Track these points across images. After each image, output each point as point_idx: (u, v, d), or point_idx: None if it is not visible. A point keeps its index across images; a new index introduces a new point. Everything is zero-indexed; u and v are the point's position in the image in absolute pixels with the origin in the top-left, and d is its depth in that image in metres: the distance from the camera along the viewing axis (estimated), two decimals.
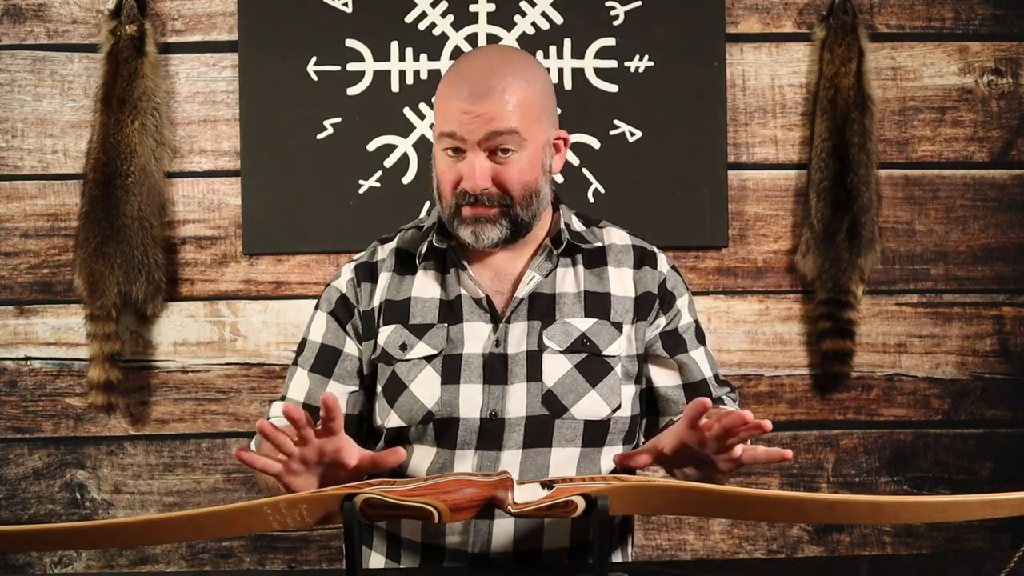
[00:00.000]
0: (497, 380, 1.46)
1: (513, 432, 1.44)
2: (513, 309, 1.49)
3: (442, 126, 1.45)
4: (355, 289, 1.55)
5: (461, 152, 1.44)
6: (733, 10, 2.35)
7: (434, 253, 1.54)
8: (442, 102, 1.46)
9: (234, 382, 2.34)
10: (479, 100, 1.41)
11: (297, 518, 1.14)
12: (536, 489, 1.18)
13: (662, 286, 1.56)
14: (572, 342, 1.48)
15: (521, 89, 1.44)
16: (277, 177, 2.31)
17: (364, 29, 2.31)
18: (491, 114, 1.41)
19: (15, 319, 2.34)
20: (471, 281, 1.50)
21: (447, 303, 1.51)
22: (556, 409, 1.45)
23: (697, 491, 1.14)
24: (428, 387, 1.45)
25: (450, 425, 1.45)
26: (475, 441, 1.44)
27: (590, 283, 1.53)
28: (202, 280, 2.34)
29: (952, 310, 2.39)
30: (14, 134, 2.33)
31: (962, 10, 2.37)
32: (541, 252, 1.53)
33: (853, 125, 2.28)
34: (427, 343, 1.48)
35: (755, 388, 2.37)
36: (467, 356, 1.47)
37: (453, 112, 1.43)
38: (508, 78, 1.44)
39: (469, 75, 1.45)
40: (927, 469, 2.39)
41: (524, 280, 1.51)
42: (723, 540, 2.38)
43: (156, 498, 2.34)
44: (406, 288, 1.53)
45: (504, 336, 1.48)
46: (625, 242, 1.59)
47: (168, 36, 2.33)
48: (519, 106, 1.43)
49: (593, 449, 1.48)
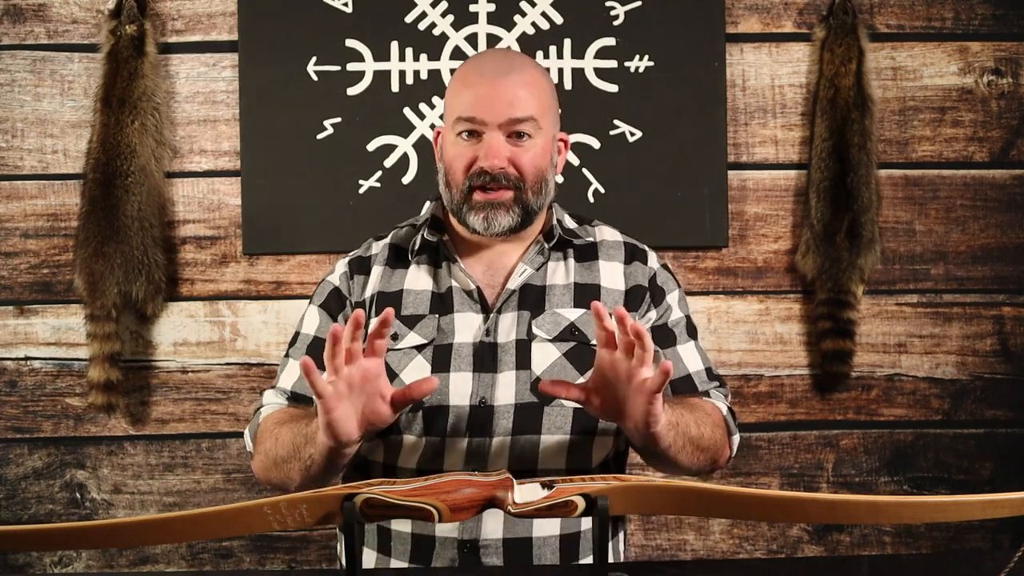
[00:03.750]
0: (487, 368, 1.47)
1: (502, 419, 1.45)
2: (504, 300, 1.50)
3: (459, 111, 1.47)
4: (348, 282, 1.56)
5: (477, 136, 1.47)
6: (733, 10, 2.36)
7: (427, 247, 1.56)
8: (458, 89, 1.49)
9: (234, 382, 2.34)
10: (500, 84, 1.45)
11: (297, 518, 1.14)
12: (536, 489, 1.18)
13: (652, 280, 1.57)
14: (561, 331, 1.49)
15: (538, 80, 1.50)
16: (277, 177, 2.31)
17: (364, 29, 2.31)
18: (511, 99, 1.45)
19: (15, 319, 2.34)
20: (462, 273, 1.51)
21: (438, 295, 1.52)
22: (545, 397, 1.45)
23: (697, 491, 1.14)
24: (418, 375, 1.46)
25: (440, 413, 1.46)
26: (464, 428, 1.45)
27: (580, 275, 1.54)
28: (202, 280, 2.34)
29: (952, 310, 2.39)
30: (14, 134, 2.33)
31: (962, 10, 2.37)
32: (533, 247, 1.54)
33: (853, 125, 2.28)
34: (418, 333, 1.49)
35: (755, 388, 2.37)
36: (457, 345, 1.48)
37: (472, 96, 1.46)
38: (526, 68, 1.50)
39: (488, 64, 1.50)
40: (927, 469, 2.39)
41: (516, 273, 1.52)
42: (723, 540, 2.38)
43: (156, 498, 2.34)
44: (398, 280, 1.55)
45: (494, 326, 1.49)
46: (616, 239, 1.61)
47: (168, 36, 2.33)
48: (537, 94, 1.48)
49: (583, 437, 1.48)
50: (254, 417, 1.56)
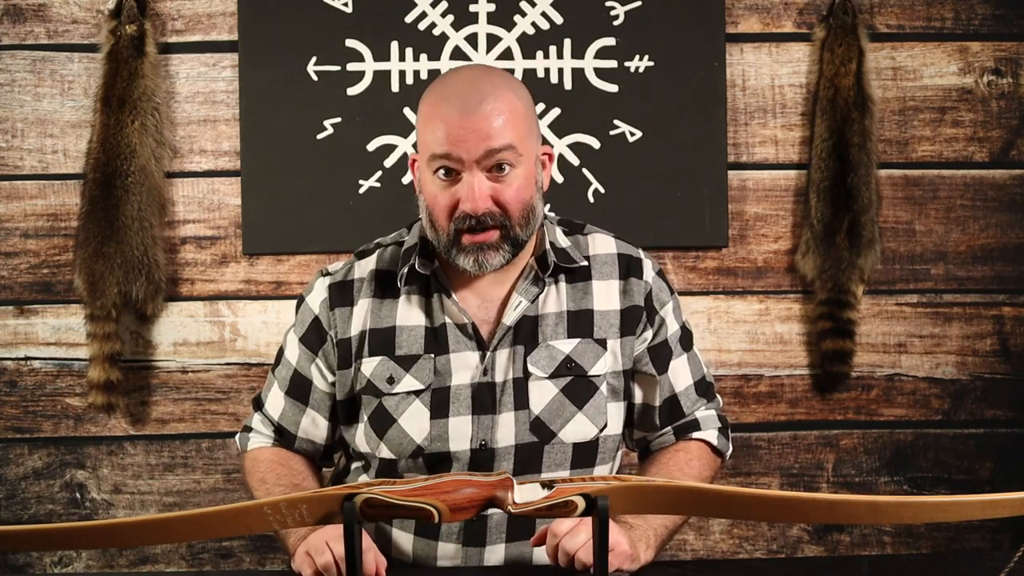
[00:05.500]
0: (486, 410, 1.45)
1: (503, 461, 1.45)
2: (500, 337, 1.47)
3: (433, 148, 1.39)
4: (328, 313, 1.52)
5: (454, 174, 1.40)
6: (733, 10, 2.35)
7: (416, 276, 1.50)
8: (429, 124, 1.40)
9: (234, 382, 2.34)
10: (471, 117, 1.36)
11: (297, 518, 1.14)
12: (536, 489, 1.18)
13: (648, 298, 1.53)
14: (557, 366, 1.47)
15: (511, 103, 1.40)
16: (277, 177, 2.31)
17: (364, 29, 2.31)
18: (486, 130, 1.37)
19: (15, 319, 2.34)
20: (456, 308, 1.47)
21: (432, 331, 1.48)
22: (544, 435, 1.45)
23: (697, 491, 1.14)
24: (417, 422, 1.45)
25: (441, 459, 1.45)
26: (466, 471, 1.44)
27: (573, 300, 1.50)
28: (202, 280, 2.34)
29: (952, 310, 2.39)
30: (14, 134, 2.33)
31: (962, 10, 2.37)
32: (527, 275, 1.49)
33: (853, 125, 2.28)
34: (414, 376, 1.46)
35: (755, 388, 2.37)
36: (455, 388, 1.46)
37: (444, 133, 1.37)
38: (496, 92, 1.40)
39: (455, 94, 1.40)
40: (927, 469, 2.38)
41: (511, 306, 1.47)
42: (723, 540, 2.38)
43: (156, 498, 2.34)
44: (388, 315, 1.50)
45: (492, 364, 1.46)
46: (610, 251, 1.55)
47: (168, 36, 2.33)
48: (512, 120, 1.39)
49: (583, 470, 1.49)
50: (243, 435, 1.61)
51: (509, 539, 1.45)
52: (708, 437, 1.56)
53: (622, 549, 1.30)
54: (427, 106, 1.43)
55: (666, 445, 1.56)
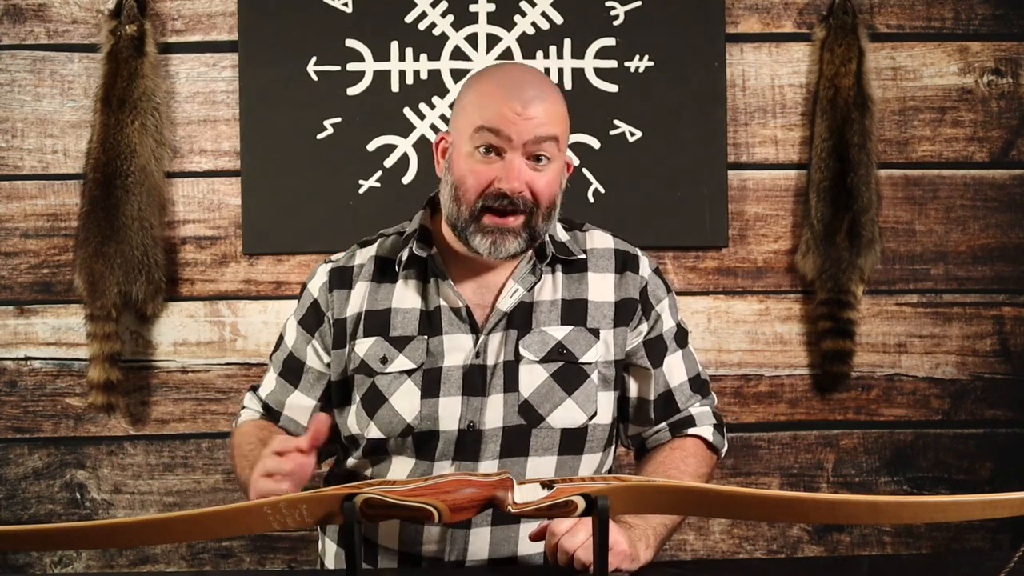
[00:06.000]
0: (476, 392, 1.46)
1: (490, 443, 1.45)
2: (495, 323, 1.49)
3: (485, 120, 1.42)
4: (327, 295, 1.55)
5: (496, 152, 1.43)
6: (733, 10, 2.36)
7: (415, 261, 1.53)
8: (483, 99, 1.45)
9: (234, 382, 2.34)
10: (531, 104, 1.42)
11: (297, 518, 1.14)
12: (536, 489, 1.18)
13: (643, 292, 1.55)
14: (548, 351, 1.48)
15: (559, 104, 1.48)
16: (277, 177, 2.31)
17: (364, 29, 2.31)
18: (541, 119, 1.43)
19: (15, 319, 2.34)
20: (451, 292, 1.49)
21: (427, 314, 1.50)
22: (532, 419, 1.46)
23: (697, 491, 1.14)
24: (408, 401, 1.46)
25: (429, 438, 1.46)
26: (453, 452, 1.46)
27: (568, 289, 1.53)
28: (202, 280, 2.34)
29: (952, 310, 2.39)
30: (14, 134, 2.33)
31: (962, 10, 2.37)
32: (525, 263, 1.52)
33: (853, 125, 2.28)
34: (407, 356, 1.48)
35: (755, 388, 2.37)
36: (447, 369, 1.47)
37: (500, 110, 1.42)
38: (550, 91, 1.47)
39: (516, 80, 1.46)
40: (927, 469, 2.39)
41: (506, 292, 1.50)
42: (723, 540, 2.38)
43: (156, 498, 2.34)
44: (385, 297, 1.52)
45: (484, 347, 1.48)
46: (607, 246, 1.57)
47: (168, 36, 2.33)
48: (559, 118, 1.46)
49: (571, 457, 1.49)
50: (237, 417, 1.66)
51: (495, 523, 1.46)
52: (703, 433, 1.57)
53: (621, 549, 1.30)
54: (483, 85, 1.48)
55: (662, 442, 1.57)
